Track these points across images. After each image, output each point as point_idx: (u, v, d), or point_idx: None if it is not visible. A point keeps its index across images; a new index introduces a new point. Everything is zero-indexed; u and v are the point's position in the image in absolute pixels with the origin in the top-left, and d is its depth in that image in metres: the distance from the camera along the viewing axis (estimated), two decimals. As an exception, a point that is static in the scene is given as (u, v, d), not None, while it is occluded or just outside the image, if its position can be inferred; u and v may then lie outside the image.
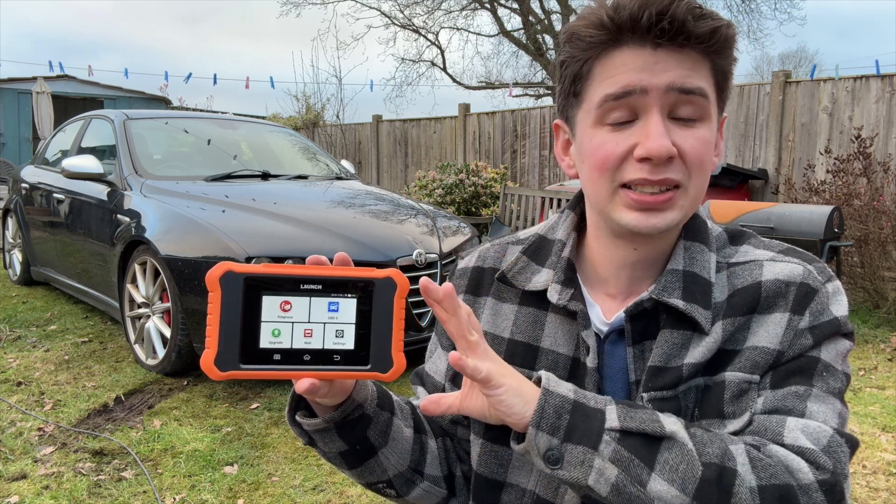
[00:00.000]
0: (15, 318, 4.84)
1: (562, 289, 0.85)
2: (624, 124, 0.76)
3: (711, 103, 0.76)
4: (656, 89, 0.74)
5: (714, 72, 0.76)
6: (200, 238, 3.51)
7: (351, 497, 2.42)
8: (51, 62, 14.63)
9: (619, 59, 0.75)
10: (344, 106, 12.59)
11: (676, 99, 0.74)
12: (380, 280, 0.68)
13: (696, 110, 0.75)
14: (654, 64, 0.74)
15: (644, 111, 0.75)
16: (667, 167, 0.75)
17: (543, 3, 15.26)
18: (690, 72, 0.74)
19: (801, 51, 30.64)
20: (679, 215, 0.78)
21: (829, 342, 0.79)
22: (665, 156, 0.73)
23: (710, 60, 0.76)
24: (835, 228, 4.75)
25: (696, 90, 0.74)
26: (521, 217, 7.14)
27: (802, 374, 0.77)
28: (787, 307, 0.78)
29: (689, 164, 0.75)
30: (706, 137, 0.76)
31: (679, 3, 0.72)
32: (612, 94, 0.75)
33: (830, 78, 6.48)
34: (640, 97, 0.74)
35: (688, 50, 0.74)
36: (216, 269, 0.65)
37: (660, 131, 0.73)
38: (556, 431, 0.69)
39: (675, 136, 0.75)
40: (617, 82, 0.75)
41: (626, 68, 0.74)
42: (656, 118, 0.74)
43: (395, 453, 0.86)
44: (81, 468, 2.62)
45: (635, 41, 0.74)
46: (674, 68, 0.74)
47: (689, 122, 0.76)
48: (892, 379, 3.71)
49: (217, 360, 0.65)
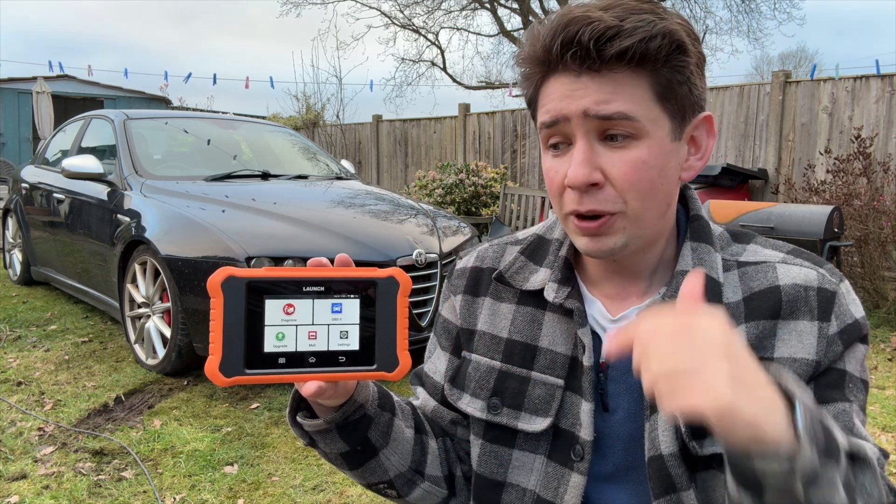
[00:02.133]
0: (15, 318, 4.84)
1: (558, 287, 0.86)
2: (561, 151, 0.78)
3: (643, 121, 0.73)
4: (575, 116, 0.74)
5: (653, 84, 0.74)
6: (200, 238, 3.51)
7: (351, 497, 2.42)
8: (51, 62, 14.63)
9: (551, 87, 0.77)
10: (344, 106, 12.58)
11: (599, 124, 0.74)
12: (382, 279, 0.68)
13: (626, 131, 0.74)
14: (574, 91, 0.74)
15: (574, 138, 0.76)
16: (593, 197, 0.75)
17: (543, 3, 15.25)
18: (610, 95, 0.73)
19: (801, 51, 30.67)
20: (623, 238, 0.77)
21: (850, 351, 0.79)
22: (582, 184, 0.74)
23: (646, 75, 0.73)
24: (835, 228, 4.75)
25: (614, 115, 0.73)
26: (521, 217, 7.14)
27: (837, 387, 0.78)
28: (814, 315, 0.78)
29: (619, 189, 0.75)
30: (640, 158, 0.74)
31: (586, 28, 0.71)
32: (545, 123, 0.77)
33: (830, 78, 6.48)
34: (566, 125, 0.75)
35: (609, 72, 0.72)
36: (217, 274, 0.65)
37: (579, 159, 0.74)
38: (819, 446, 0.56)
39: (602, 161, 0.75)
40: (547, 111, 0.77)
41: (552, 97, 0.76)
42: (579, 145, 0.75)
43: (396, 454, 0.86)
44: (81, 468, 2.62)
45: (560, 70, 0.75)
46: (592, 94, 0.73)
47: (619, 145, 0.74)
48: (892, 379, 3.71)
49: (222, 366, 0.65)
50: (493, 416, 0.87)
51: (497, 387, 0.88)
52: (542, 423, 0.84)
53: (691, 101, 0.77)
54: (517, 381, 0.87)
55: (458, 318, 0.94)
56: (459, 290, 0.95)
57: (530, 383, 0.86)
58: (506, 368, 0.88)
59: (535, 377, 0.86)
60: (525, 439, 0.86)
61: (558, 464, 0.84)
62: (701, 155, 0.81)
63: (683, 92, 0.76)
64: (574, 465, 0.83)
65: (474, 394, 0.90)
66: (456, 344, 0.95)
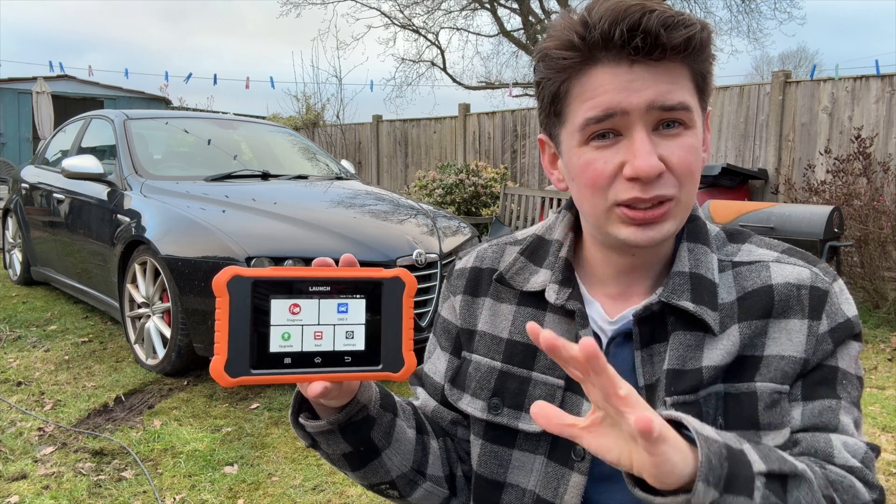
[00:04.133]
0: (15, 318, 4.84)
1: (559, 288, 0.86)
2: (609, 141, 0.75)
3: (694, 111, 0.75)
4: (637, 109, 0.73)
5: (693, 76, 0.75)
6: (200, 238, 3.51)
7: (351, 497, 2.42)
8: (51, 62, 14.64)
9: (596, 78, 0.73)
10: (344, 106, 12.59)
11: (660, 115, 0.74)
12: (388, 280, 0.68)
13: (682, 120, 0.75)
14: (632, 82, 0.72)
15: (628, 129, 0.74)
16: (657, 183, 0.74)
17: (543, 3, 15.26)
18: (670, 86, 0.73)
19: (801, 51, 30.64)
20: (674, 226, 0.78)
21: (842, 348, 0.80)
22: (654, 174, 0.73)
23: (688, 66, 0.75)
24: (835, 228, 4.75)
25: (678, 105, 0.73)
26: (521, 217, 7.14)
27: (827, 384, 0.78)
28: (805, 313, 0.79)
29: (678, 175, 0.75)
30: (693, 145, 0.75)
31: (650, 15, 0.70)
32: (594, 118, 0.74)
33: (830, 78, 6.48)
34: (621, 118, 0.73)
35: (664, 62, 0.72)
36: (223, 273, 0.64)
37: (646, 149, 0.72)
38: (718, 484, 0.60)
39: (661, 150, 0.74)
40: (597, 105, 0.73)
41: (603, 89, 0.73)
42: (641, 136, 0.73)
43: (399, 454, 0.86)
44: (81, 468, 2.62)
45: (610, 58, 0.73)
46: (652, 85, 0.72)
47: (674, 132, 0.75)
48: (892, 379, 3.71)
49: (227, 366, 0.64)
50: (494, 417, 0.88)
51: (498, 387, 0.88)
52: (542, 424, 0.84)
53: (707, 95, 0.79)
54: (518, 382, 0.87)
55: (458, 319, 0.94)
56: (459, 291, 0.95)
57: (531, 383, 0.86)
58: (506, 369, 0.88)
59: (535, 377, 0.86)
60: (525, 439, 0.86)
61: (558, 464, 0.84)
62: (706, 147, 0.82)
63: (709, 84, 0.78)
64: (574, 464, 0.83)
65: (475, 394, 0.90)
66: (456, 344, 0.95)
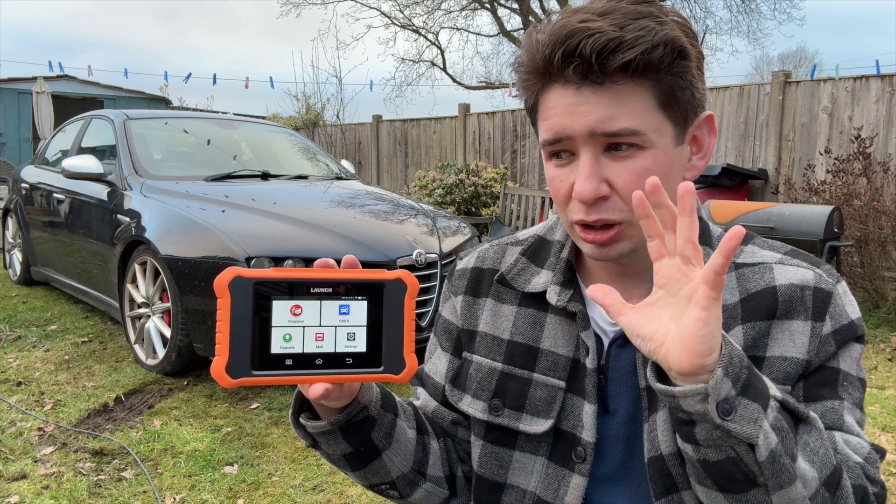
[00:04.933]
0: (15, 318, 4.84)
1: (561, 290, 0.86)
2: (564, 160, 0.77)
3: (648, 132, 0.73)
4: (580, 135, 0.73)
5: (655, 93, 0.73)
6: (200, 238, 3.51)
7: (351, 497, 2.42)
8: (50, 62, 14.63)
9: (551, 99, 0.75)
10: (344, 106, 12.58)
11: (605, 140, 0.73)
12: (390, 282, 0.68)
13: (631, 142, 0.73)
14: (577, 106, 0.73)
15: (577, 150, 0.75)
16: (601, 206, 0.75)
17: (543, 3, 15.25)
18: (614, 110, 0.71)
19: (801, 51, 30.65)
20: (630, 245, 0.78)
21: (844, 350, 0.80)
22: (590, 198, 0.73)
23: (648, 84, 0.72)
24: (835, 228, 4.75)
25: (620, 132, 0.72)
26: (521, 217, 7.14)
27: (828, 385, 0.78)
28: (808, 314, 0.79)
29: (625, 199, 0.74)
30: (644, 167, 0.73)
31: (587, 40, 0.69)
32: (548, 140, 0.77)
33: (830, 78, 6.47)
34: (569, 141, 0.75)
35: (611, 84, 0.71)
36: (225, 274, 0.64)
37: (585, 174, 0.73)
38: (737, 382, 0.63)
39: (608, 173, 0.74)
40: (549, 128, 0.76)
41: (553, 112, 0.75)
42: (584, 160, 0.74)
43: (399, 455, 0.86)
44: (81, 468, 2.62)
45: (560, 81, 0.74)
46: (596, 110, 0.72)
47: (624, 155, 0.74)
48: (892, 379, 3.71)
49: (228, 367, 0.64)
50: (495, 418, 0.87)
51: (499, 388, 0.88)
52: (543, 425, 0.84)
53: (693, 104, 0.77)
54: (519, 383, 0.87)
55: (459, 319, 0.94)
56: (460, 291, 0.95)
57: (532, 385, 0.86)
58: (507, 370, 0.88)
59: (536, 379, 0.86)
60: (526, 441, 0.86)
61: (559, 465, 0.84)
62: (703, 154, 0.81)
63: (686, 97, 0.75)
64: (575, 466, 0.83)
65: (475, 395, 0.90)
66: (456, 345, 0.95)
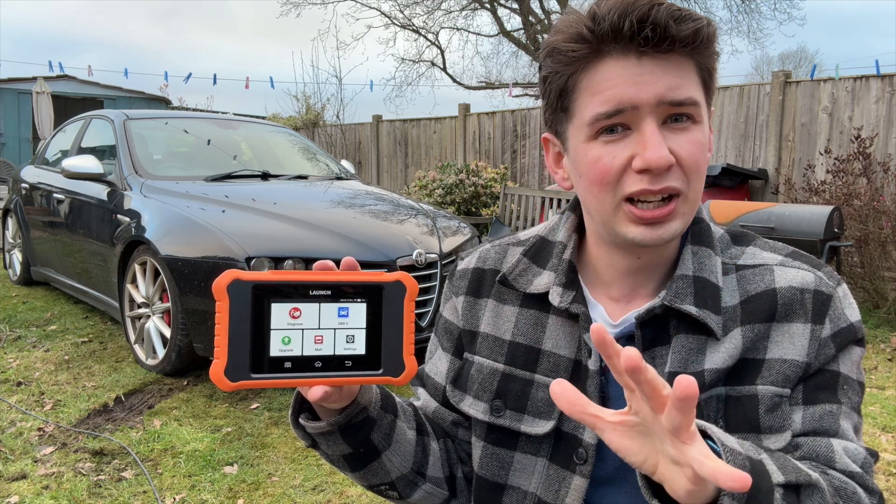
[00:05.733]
0: (15, 318, 4.84)
1: (563, 291, 0.85)
2: (618, 136, 0.75)
3: (702, 106, 0.76)
4: (647, 104, 0.73)
5: (699, 71, 0.76)
6: (200, 238, 3.51)
7: (351, 497, 2.42)
8: (50, 62, 14.62)
9: (605, 72, 0.74)
10: (344, 106, 12.59)
11: (669, 109, 0.74)
12: (389, 284, 0.68)
13: (690, 114, 0.75)
14: (641, 76, 0.72)
15: (637, 123, 0.74)
16: (666, 175, 0.74)
17: (543, 3, 15.25)
18: (679, 80, 0.73)
19: (801, 51, 30.65)
20: (682, 224, 0.78)
21: (844, 353, 0.80)
22: (664, 166, 0.73)
23: (695, 60, 0.75)
24: (835, 228, 4.75)
25: (687, 100, 0.74)
26: (521, 217, 7.14)
27: (828, 389, 0.78)
28: (808, 317, 0.79)
29: (686, 169, 0.75)
30: (700, 140, 0.76)
31: (658, 7, 0.71)
32: (604, 113, 0.74)
33: (830, 78, 6.48)
34: (631, 112, 0.74)
35: (672, 55, 0.73)
36: (223, 277, 0.64)
37: (656, 141, 0.73)
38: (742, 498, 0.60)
39: (671, 143, 0.74)
40: (606, 100, 0.73)
41: (612, 83, 0.73)
42: (652, 128, 0.73)
43: (398, 455, 0.86)
44: (81, 468, 2.62)
45: (618, 51, 0.73)
46: (661, 78, 0.72)
47: (683, 126, 0.75)
48: (892, 379, 3.71)
49: (227, 370, 0.64)
50: (496, 419, 0.87)
51: (500, 389, 0.88)
52: (545, 426, 0.84)
53: (712, 93, 0.79)
54: (520, 384, 0.87)
55: (460, 320, 0.94)
56: (461, 292, 0.95)
57: (533, 386, 0.86)
58: (509, 371, 0.88)
59: (538, 380, 0.86)
60: (527, 442, 0.86)
61: (560, 466, 0.84)
62: (709, 146, 0.82)
63: (714, 81, 0.78)
64: (576, 467, 0.83)
65: (477, 396, 0.89)
66: (457, 345, 0.95)
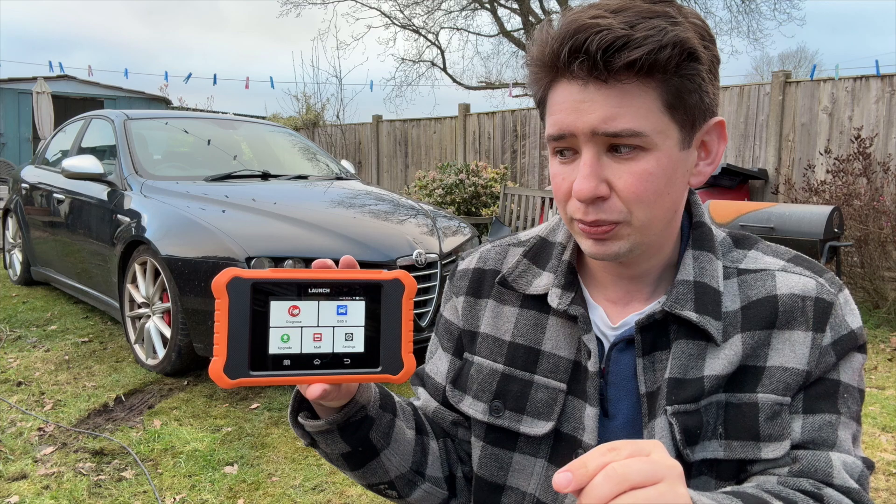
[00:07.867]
0: (15, 318, 4.84)
1: (562, 293, 0.85)
2: (568, 158, 0.76)
3: (651, 134, 0.71)
4: (582, 133, 0.72)
5: (663, 95, 0.71)
6: (200, 238, 3.51)
7: (351, 497, 2.42)
8: (51, 62, 14.64)
9: (557, 94, 0.75)
10: (344, 106, 12.59)
11: (606, 140, 0.72)
12: (388, 282, 0.68)
13: (634, 144, 0.72)
14: (581, 103, 0.72)
15: (580, 148, 0.74)
16: (598, 208, 0.74)
17: (543, 3, 15.24)
18: (617, 109, 0.70)
19: (801, 51, 30.65)
20: (627, 244, 0.77)
21: (845, 360, 0.80)
22: (588, 198, 0.73)
23: (652, 86, 0.71)
24: (835, 228, 4.75)
25: (623, 132, 0.71)
26: (521, 217, 7.14)
27: (828, 398, 0.78)
28: (809, 325, 0.78)
29: (624, 200, 0.74)
30: (646, 170, 0.72)
31: (596, 36, 0.68)
32: (552, 136, 0.76)
33: (830, 78, 6.48)
34: (572, 139, 0.74)
35: (615, 83, 0.70)
36: (222, 275, 0.64)
37: (584, 173, 0.73)
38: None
39: (609, 173, 0.73)
40: (553, 124, 0.75)
41: (559, 108, 0.74)
42: (586, 158, 0.73)
43: (397, 455, 0.86)
44: (81, 468, 2.62)
45: (567, 77, 0.73)
46: (600, 108, 0.70)
47: (626, 156, 0.73)
48: (892, 379, 3.71)
49: (226, 367, 0.64)
50: (495, 419, 0.87)
51: (499, 390, 0.88)
52: (544, 427, 0.84)
53: (702, 109, 0.75)
54: (520, 385, 0.87)
55: (461, 320, 0.94)
56: (462, 292, 0.95)
57: (533, 387, 0.86)
58: (508, 371, 0.88)
59: (537, 381, 0.86)
60: (526, 443, 0.86)
61: (559, 468, 0.84)
62: (711, 160, 0.80)
63: (694, 100, 0.73)
64: (576, 468, 0.83)
65: (476, 396, 0.89)
66: (458, 345, 0.95)
